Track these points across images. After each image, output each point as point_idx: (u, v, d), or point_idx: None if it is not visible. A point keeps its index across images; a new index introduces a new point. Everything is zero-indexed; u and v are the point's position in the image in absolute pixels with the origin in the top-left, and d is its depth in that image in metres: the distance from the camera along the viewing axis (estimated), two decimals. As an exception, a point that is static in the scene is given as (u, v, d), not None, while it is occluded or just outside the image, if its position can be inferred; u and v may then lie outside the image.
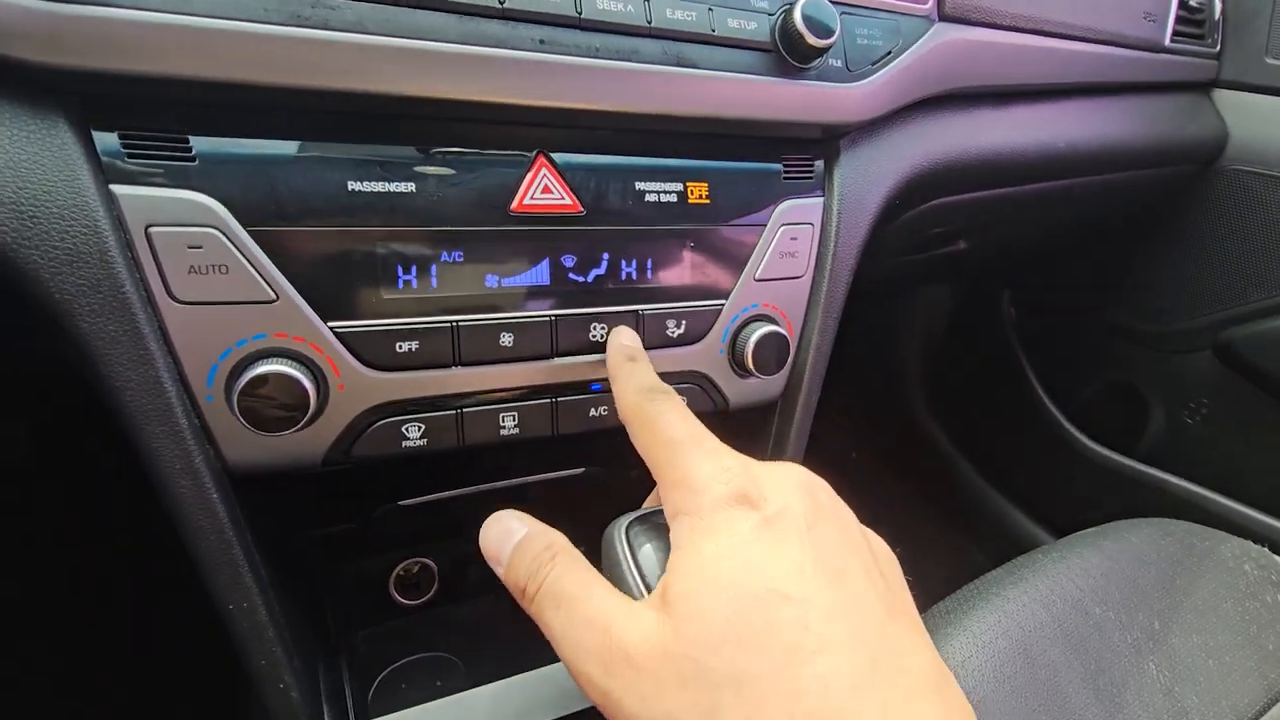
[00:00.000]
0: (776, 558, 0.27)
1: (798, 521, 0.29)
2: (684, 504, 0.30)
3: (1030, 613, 0.67)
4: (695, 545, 0.29)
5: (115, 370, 0.35)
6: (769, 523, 0.28)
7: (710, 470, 0.31)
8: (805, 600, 0.26)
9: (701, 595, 0.27)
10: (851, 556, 0.29)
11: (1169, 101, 0.86)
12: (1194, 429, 1.05)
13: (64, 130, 0.33)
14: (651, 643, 0.27)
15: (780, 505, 0.29)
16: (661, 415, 0.35)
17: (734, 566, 0.27)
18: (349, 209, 0.38)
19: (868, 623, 0.27)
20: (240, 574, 0.39)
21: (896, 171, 0.56)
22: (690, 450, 0.32)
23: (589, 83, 0.41)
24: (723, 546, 0.28)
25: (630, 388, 0.38)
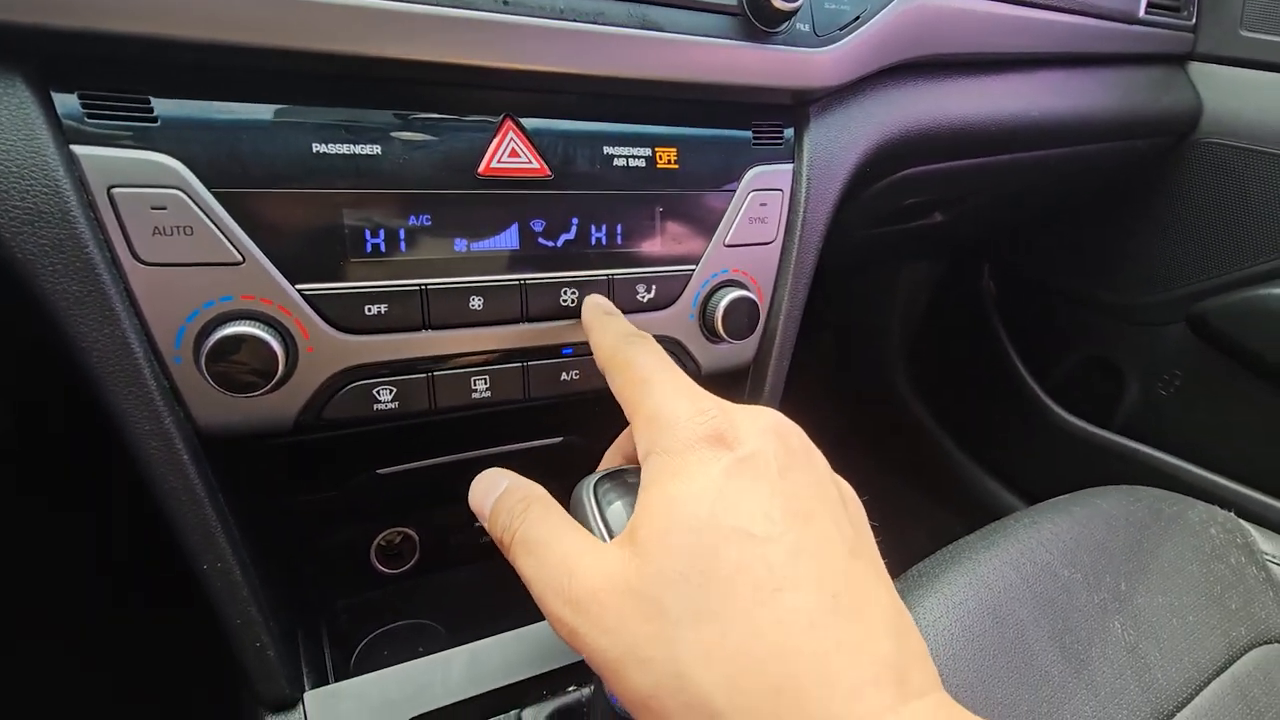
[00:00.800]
0: (745, 498, 0.28)
1: (769, 464, 0.29)
2: (656, 441, 0.30)
3: (1001, 575, 0.68)
4: (664, 484, 0.29)
5: (81, 331, 0.35)
6: (741, 464, 0.28)
7: (686, 409, 0.31)
8: (770, 539, 0.27)
9: (668, 534, 0.27)
10: (819, 501, 0.29)
11: (1144, 74, 0.87)
12: (1167, 400, 1.07)
13: (22, 90, 0.33)
14: (615, 579, 0.27)
15: (753, 448, 0.29)
16: (638, 356, 0.35)
17: (702, 506, 0.27)
18: (314, 171, 0.38)
19: (830, 563, 0.27)
20: (213, 534, 0.40)
21: (867, 139, 0.56)
22: (665, 387, 0.32)
23: (553, 45, 0.41)
24: (693, 486, 0.28)
25: (608, 335, 0.39)
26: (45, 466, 0.94)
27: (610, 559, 0.29)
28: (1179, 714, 0.64)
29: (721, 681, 0.25)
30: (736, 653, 0.25)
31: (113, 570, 0.95)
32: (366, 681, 0.46)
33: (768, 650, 0.25)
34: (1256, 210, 0.90)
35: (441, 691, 0.47)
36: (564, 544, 0.31)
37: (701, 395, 0.32)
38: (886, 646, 0.26)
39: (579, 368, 0.48)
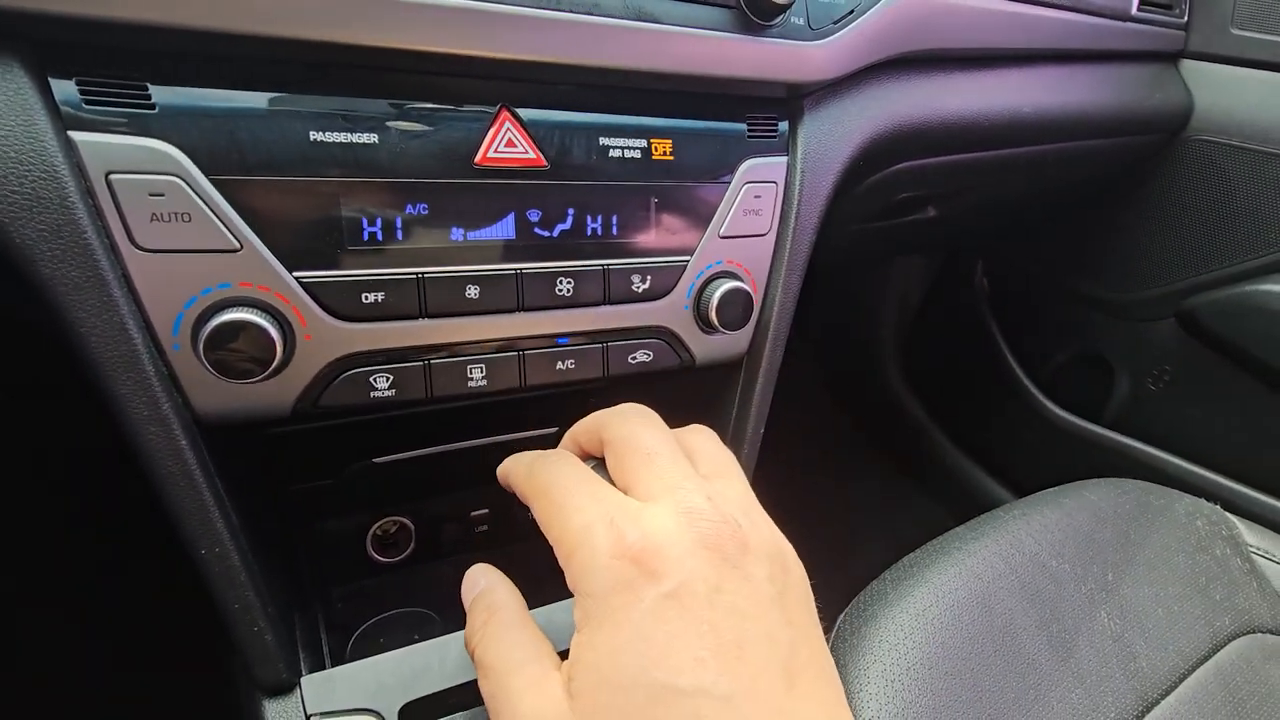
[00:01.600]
0: (673, 643, 0.26)
1: (696, 592, 0.27)
2: (579, 582, 0.29)
3: (989, 565, 0.69)
4: (592, 633, 0.28)
5: (80, 317, 0.35)
6: (665, 600, 0.27)
7: (601, 538, 0.29)
8: (699, 692, 0.26)
9: (599, 692, 0.27)
10: (754, 617, 0.28)
11: (1135, 71, 0.87)
12: (1157, 395, 1.08)
13: (19, 75, 0.33)
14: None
15: (680, 578, 0.27)
16: (547, 472, 0.33)
17: (629, 659, 0.27)
18: (312, 160, 0.39)
19: (765, 704, 0.26)
20: (211, 519, 0.40)
21: (861, 132, 0.57)
22: (579, 510, 0.30)
23: (548, 35, 0.41)
24: (618, 636, 0.27)
25: (520, 462, 0.37)
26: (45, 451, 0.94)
27: (549, 700, 0.28)
28: (1163, 701, 0.65)
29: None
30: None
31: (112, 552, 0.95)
32: (362, 666, 0.47)
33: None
34: (1245, 207, 0.91)
35: (437, 677, 0.47)
36: (511, 668, 0.30)
37: (616, 506, 0.30)
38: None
39: (574, 357, 0.49)
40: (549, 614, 0.53)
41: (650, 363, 0.51)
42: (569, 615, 0.54)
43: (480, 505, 0.68)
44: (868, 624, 0.61)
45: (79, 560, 0.95)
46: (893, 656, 0.58)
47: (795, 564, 0.33)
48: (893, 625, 0.59)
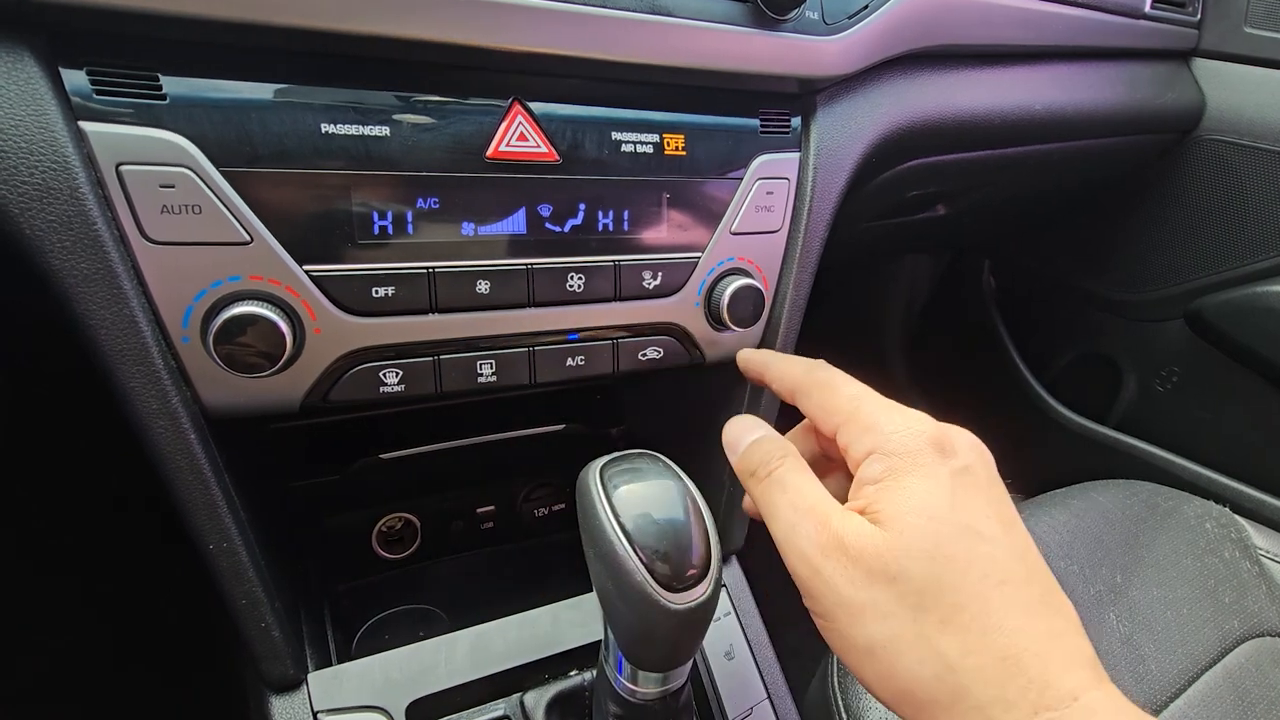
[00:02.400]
0: (972, 503, 0.32)
1: (981, 477, 0.34)
2: (881, 444, 0.35)
3: (997, 566, 0.68)
4: (899, 478, 0.33)
5: (89, 309, 0.35)
6: (962, 473, 0.33)
7: (901, 420, 0.35)
8: (995, 540, 0.32)
9: (911, 516, 0.32)
10: (1013, 511, 0.34)
11: (1148, 69, 0.87)
12: (1164, 396, 1.08)
13: (31, 66, 0.33)
14: (865, 541, 0.32)
15: (968, 460, 0.34)
16: (836, 377, 0.40)
17: (940, 502, 0.32)
18: (323, 152, 0.38)
19: (1034, 567, 0.32)
20: (219, 514, 0.40)
21: (873, 129, 0.56)
22: (875, 401, 0.37)
23: (562, 27, 0.40)
24: (927, 483, 0.33)
25: (793, 363, 0.43)
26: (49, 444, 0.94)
27: (859, 523, 0.33)
28: (1172, 705, 0.64)
29: (957, 643, 0.30)
30: (976, 623, 0.30)
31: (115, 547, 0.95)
32: (369, 663, 0.47)
33: (996, 628, 0.30)
34: (1257, 208, 0.91)
35: (444, 674, 0.47)
36: (816, 496, 0.35)
37: (908, 410, 0.37)
38: (1083, 641, 0.31)
39: (584, 353, 0.48)
40: (555, 612, 0.53)
41: (660, 359, 0.51)
42: (572, 613, 0.53)
43: (486, 502, 0.68)
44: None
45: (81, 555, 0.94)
46: (901, 657, 0.57)
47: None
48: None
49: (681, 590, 0.36)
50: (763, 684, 0.55)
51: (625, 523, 0.36)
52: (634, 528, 0.36)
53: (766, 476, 0.38)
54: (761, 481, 0.38)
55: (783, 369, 0.43)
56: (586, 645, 0.51)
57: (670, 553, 0.36)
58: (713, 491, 0.38)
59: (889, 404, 0.37)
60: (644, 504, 0.37)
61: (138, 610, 0.95)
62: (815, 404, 0.39)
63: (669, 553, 0.36)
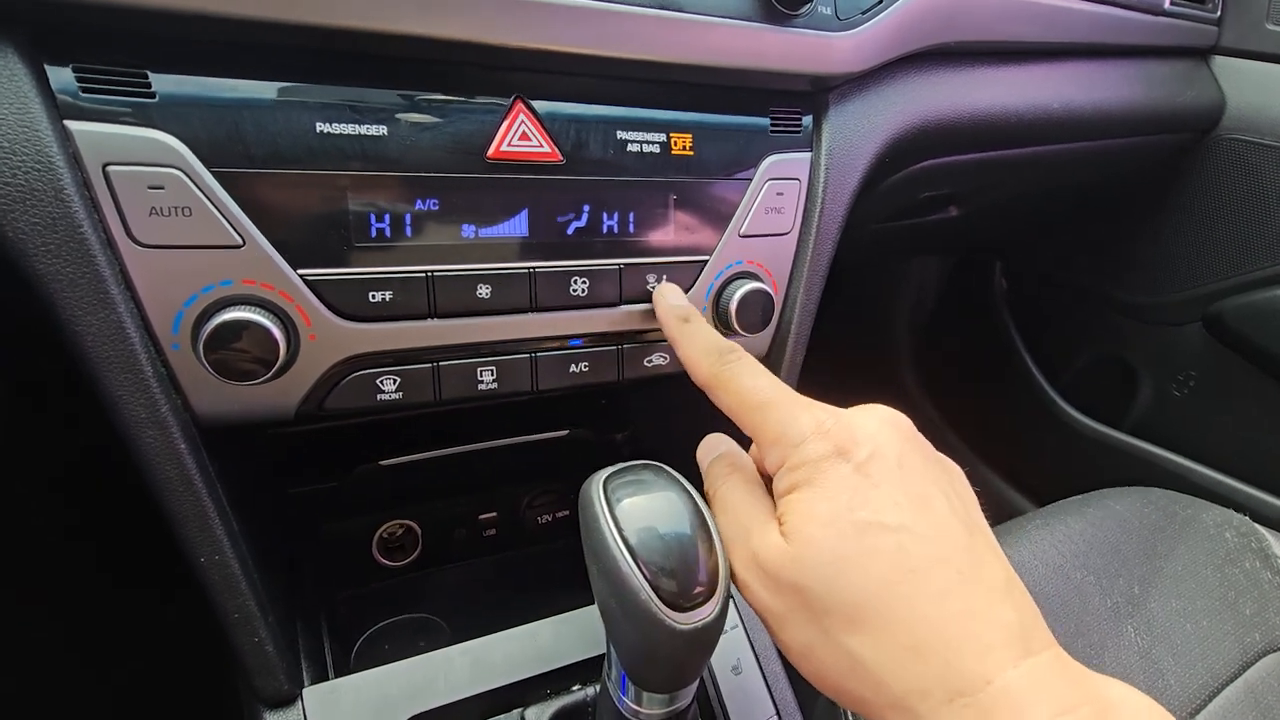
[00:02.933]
0: (874, 495, 0.32)
1: (888, 461, 0.33)
2: (787, 458, 0.34)
3: (1012, 577, 0.67)
4: (802, 491, 0.33)
5: (75, 315, 0.34)
6: (863, 467, 0.33)
7: (806, 424, 0.34)
8: (902, 528, 0.31)
9: (810, 526, 0.32)
10: (933, 484, 0.33)
11: (1167, 67, 0.85)
12: (1181, 401, 1.06)
13: (14, 62, 0.32)
14: (774, 559, 0.33)
15: (871, 449, 0.33)
16: (740, 377, 0.38)
17: (837, 506, 0.32)
18: (318, 152, 0.37)
19: (953, 542, 0.31)
20: (210, 526, 0.39)
21: (887, 128, 0.54)
22: (781, 407, 0.36)
23: (570, 24, 0.39)
24: (827, 489, 0.32)
25: (697, 351, 0.41)
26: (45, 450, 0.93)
27: (773, 540, 0.33)
28: (1193, 721, 0.63)
29: (867, 641, 0.30)
30: (879, 618, 0.29)
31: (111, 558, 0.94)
32: (366, 678, 0.45)
33: (906, 617, 0.29)
34: (1278, 209, 0.88)
35: (443, 689, 0.46)
36: (742, 514, 0.36)
37: (814, 407, 0.36)
38: (1007, 613, 0.29)
39: (588, 360, 0.47)
40: (557, 624, 0.52)
41: (666, 366, 0.50)
42: (576, 626, 0.52)
43: (489, 508, 0.67)
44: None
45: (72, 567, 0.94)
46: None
47: (956, 467, 0.37)
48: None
49: (688, 609, 0.34)
50: (771, 700, 0.53)
51: (629, 537, 0.35)
52: (638, 543, 0.34)
53: (713, 496, 0.38)
54: (712, 502, 0.38)
55: (690, 355, 0.41)
56: (590, 659, 0.49)
57: (676, 570, 0.34)
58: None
59: (795, 406, 0.36)
60: (649, 518, 0.35)
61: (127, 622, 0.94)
62: (726, 408, 0.39)
63: (675, 569, 0.34)
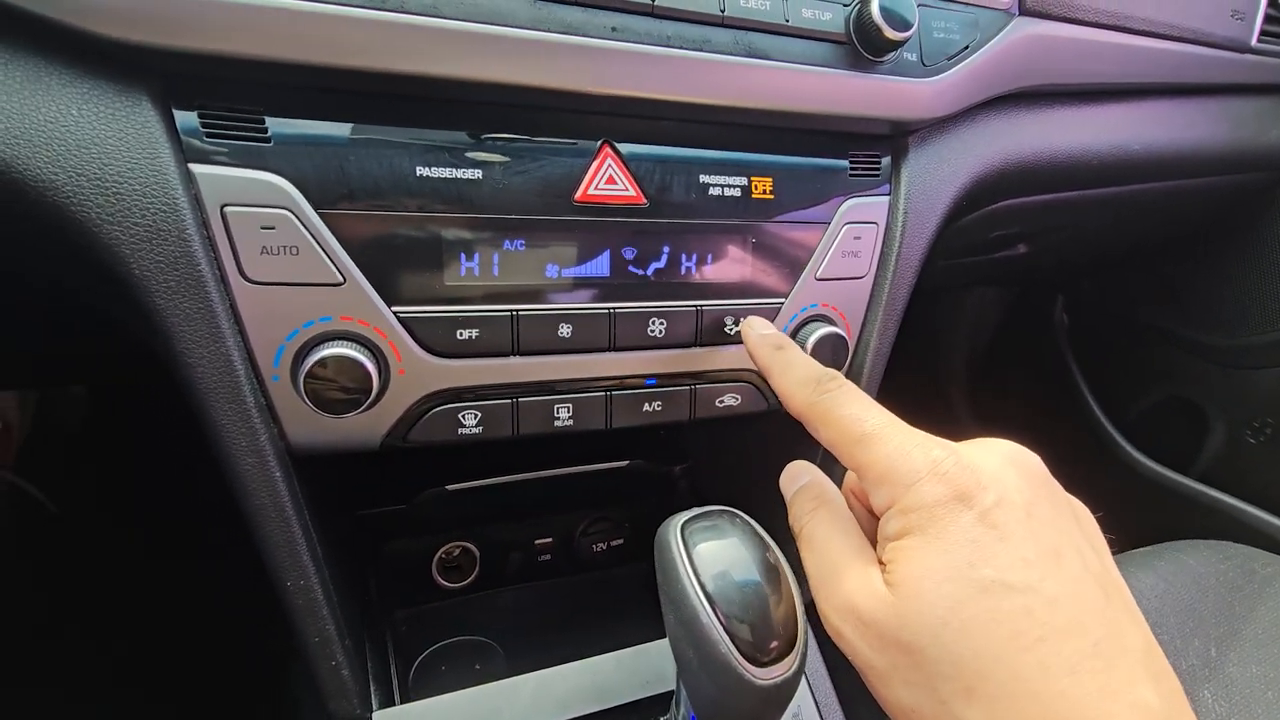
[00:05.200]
0: (999, 548, 0.28)
1: (1016, 509, 0.29)
2: (897, 498, 0.31)
3: (1080, 632, 0.64)
4: (916, 538, 0.30)
5: (188, 348, 0.36)
6: (988, 515, 0.29)
7: (919, 463, 0.31)
8: (1029, 589, 0.27)
9: (926, 580, 0.28)
10: (1065, 534, 0.30)
11: (1252, 105, 0.81)
12: (1256, 449, 1.01)
13: (146, 108, 0.34)
14: (876, 606, 0.30)
15: (997, 495, 0.29)
16: (840, 406, 0.35)
17: (957, 559, 0.28)
18: (416, 194, 0.38)
19: (1088, 607, 0.28)
20: (298, 551, 0.40)
21: (966, 171, 0.54)
22: (889, 440, 0.32)
23: (660, 72, 0.40)
24: (945, 540, 0.29)
25: (794, 382, 0.38)
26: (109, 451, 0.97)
27: (874, 587, 0.30)
28: (1278, 799, 0.59)
29: (985, 711, 0.26)
30: (1003, 690, 0.26)
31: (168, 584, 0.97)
32: (432, 705, 0.46)
33: (1031, 695, 0.26)
34: (1370, 253, 0.84)
35: (510, 718, 0.46)
36: (839, 551, 0.33)
37: (928, 443, 0.32)
38: (1148, 693, 0.26)
39: (662, 399, 0.47)
40: (620, 659, 0.52)
41: (737, 407, 0.49)
42: (639, 662, 0.52)
43: (545, 534, 0.67)
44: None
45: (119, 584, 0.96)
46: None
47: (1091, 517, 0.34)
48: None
49: (767, 664, 0.34)
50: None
51: (705, 582, 0.35)
52: (716, 592, 0.34)
53: (799, 532, 0.36)
54: (798, 537, 0.36)
55: (785, 385, 0.38)
56: (652, 697, 0.49)
57: (757, 624, 0.34)
58: (782, 543, 0.36)
59: (905, 441, 0.32)
60: (727, 566, 0.35)
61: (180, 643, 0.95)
62: (826, 442, 0.36)
63: (755, 625, 0.34)
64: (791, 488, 0.38)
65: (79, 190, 0.33)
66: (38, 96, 0.32)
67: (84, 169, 0.33)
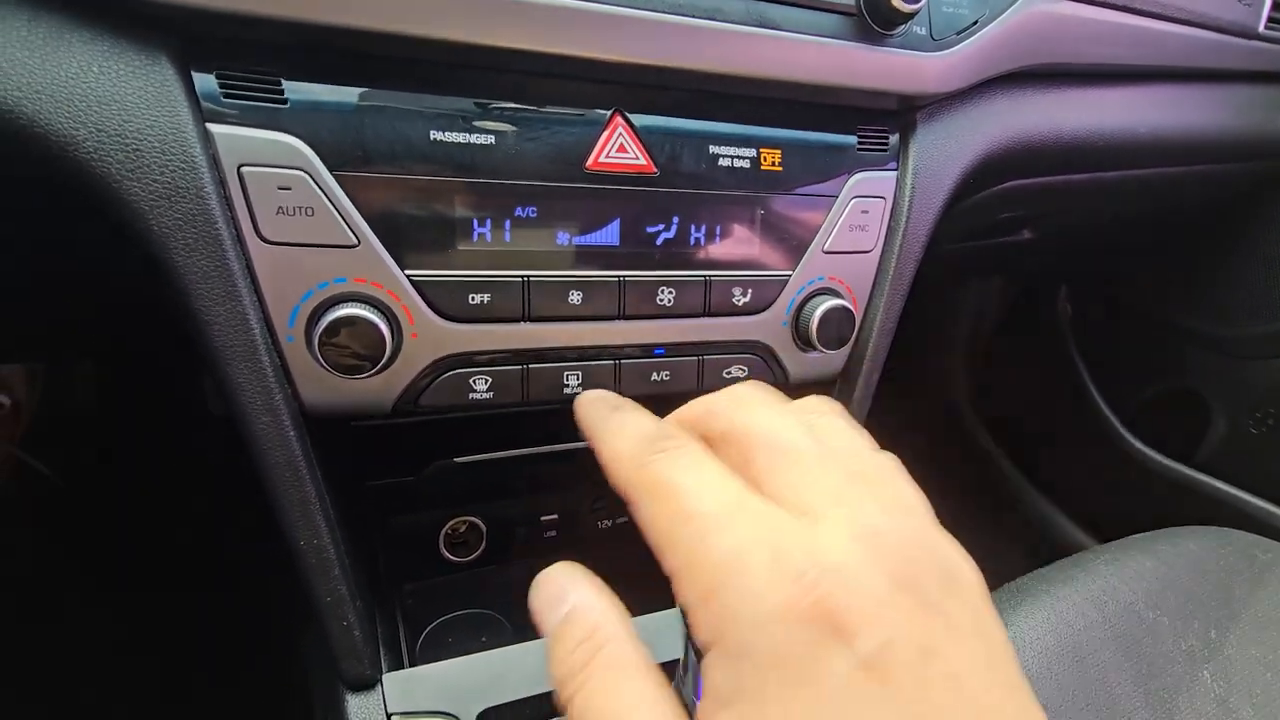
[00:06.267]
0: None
1: (903, 660, 0.20)
2: (724, 631, 0.21)
3: (1081, 613, 0.65)
4: (754, 705, 0.20)
5: (205, 306, 0.36)
6: (868, 671, 0.19)
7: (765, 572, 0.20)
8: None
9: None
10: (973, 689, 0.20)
11: (1259, 92, 0.82)
12: (1258, 439, 1.01)
13: (166, 67, 0.34)
14: None
15: (881, 636, 0.20)
16: (676, 472, 0.24)
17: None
18: (430, 158, 0.39)
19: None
20: (311, 511, 0.41)
21: (973, 148, 0.54)
22: (729, 527, 0.22)
23: (671, 40, 0.40)
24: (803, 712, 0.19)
25: (623, 441, 0.27)
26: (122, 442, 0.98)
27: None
28: (1276, 776, 0.60)
29: None
30: None
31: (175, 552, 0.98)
32: (442, 668, 0.47)
33: None
34: (1375, 242, 0.84)
35: (516, 684, 0.47)
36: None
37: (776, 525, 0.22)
38: None
39: (670, 369, 0.48)
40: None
41: (744, 378, 0.50)
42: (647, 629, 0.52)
43: (551, 510, 0.68)
44: (950, 665, 0.57)
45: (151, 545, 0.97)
46: (978, 702, 0.54)
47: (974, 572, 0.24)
48: (978, 669, 0.56)
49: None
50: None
51: None
52: None
53: (569, 700, 0.23)
54: (568, 708, 0.23)
55: (611, 450, 0.27)
56: (661, 664, 0.50)
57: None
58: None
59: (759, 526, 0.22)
60: None
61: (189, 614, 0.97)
62: (643, 525, 0.24)
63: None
64: (550, 615, 0.26)
65: (100, 146, 0.33)
66: (60, 53, 0.32)
67: (105, 125, 0.33)
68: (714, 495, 0.23)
